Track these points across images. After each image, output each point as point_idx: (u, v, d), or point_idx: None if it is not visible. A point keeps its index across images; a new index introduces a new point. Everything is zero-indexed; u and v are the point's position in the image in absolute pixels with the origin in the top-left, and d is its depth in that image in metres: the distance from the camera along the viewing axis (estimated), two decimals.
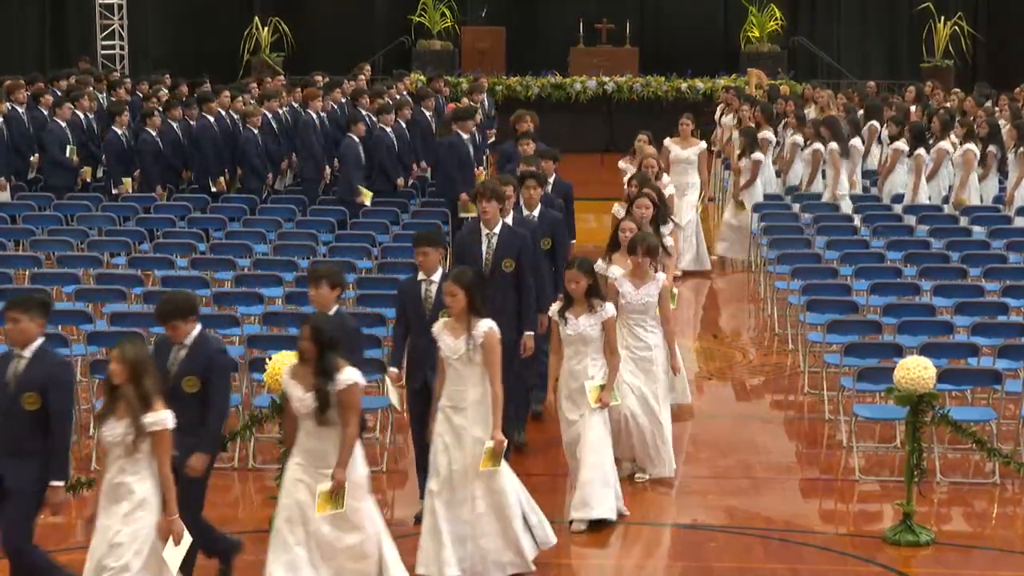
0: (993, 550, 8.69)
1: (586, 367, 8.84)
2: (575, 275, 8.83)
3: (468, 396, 7.96)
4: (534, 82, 24.81)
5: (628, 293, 9.44)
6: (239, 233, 14.41)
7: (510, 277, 9.43)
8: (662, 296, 9.47)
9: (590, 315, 8.81)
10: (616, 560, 8.56)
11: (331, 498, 7.31)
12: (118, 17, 25.76)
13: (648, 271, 9.47)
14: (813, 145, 16.50)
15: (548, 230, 10.49)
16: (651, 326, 9.50)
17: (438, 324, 8.15)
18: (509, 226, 9.64)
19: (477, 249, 9.51)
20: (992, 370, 10.21)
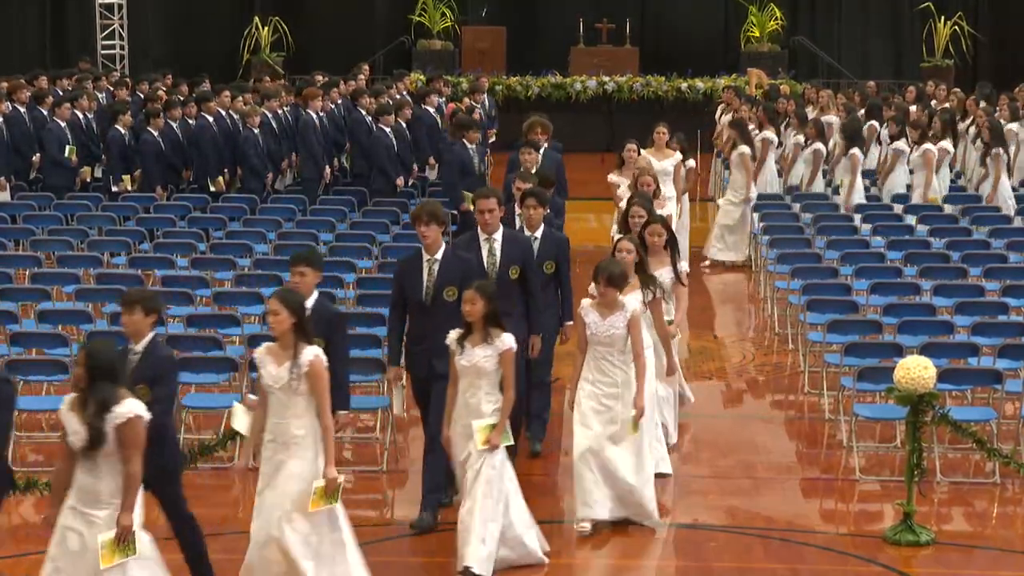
0: (993, 550, 8.68)
1: (480, 402, 7.95)
2: (472, 296, 7.90)
3: (291, 430, 7.28)
4: (534, 82, 24.82)
5: (593, 323, 8.61)
6: (239, 233, 14.41)
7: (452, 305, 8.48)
8: (632, 327, 8.60)
9: (486, 346, 7.91)
10: (616, 560, 8.54)
11: (117, 547, 6.62)
12: (118, 17, 25.77)
13: (616, 300, 8.61)
14: (814, 145, 16.50)
15: (552, 253, 9.69)
16: (620, 361, 8.64)
17: (260, 349, 7.45)
18: (455, 253, 8.82)
19: (417, 277, 8.68)
20: (992, 370, 10.20)
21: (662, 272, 9.64)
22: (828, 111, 18.98)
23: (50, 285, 12.35)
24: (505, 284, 8.99)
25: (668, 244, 9.80)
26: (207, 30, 27.46)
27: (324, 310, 8.10)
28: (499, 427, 7.94)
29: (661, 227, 9.81)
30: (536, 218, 9.69)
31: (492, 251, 9.18)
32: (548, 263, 9.65)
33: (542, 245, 9.67)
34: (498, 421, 7.94)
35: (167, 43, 27.20)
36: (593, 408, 8.62)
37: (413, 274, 8.70)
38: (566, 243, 9.96)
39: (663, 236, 9.76)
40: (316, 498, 7.19)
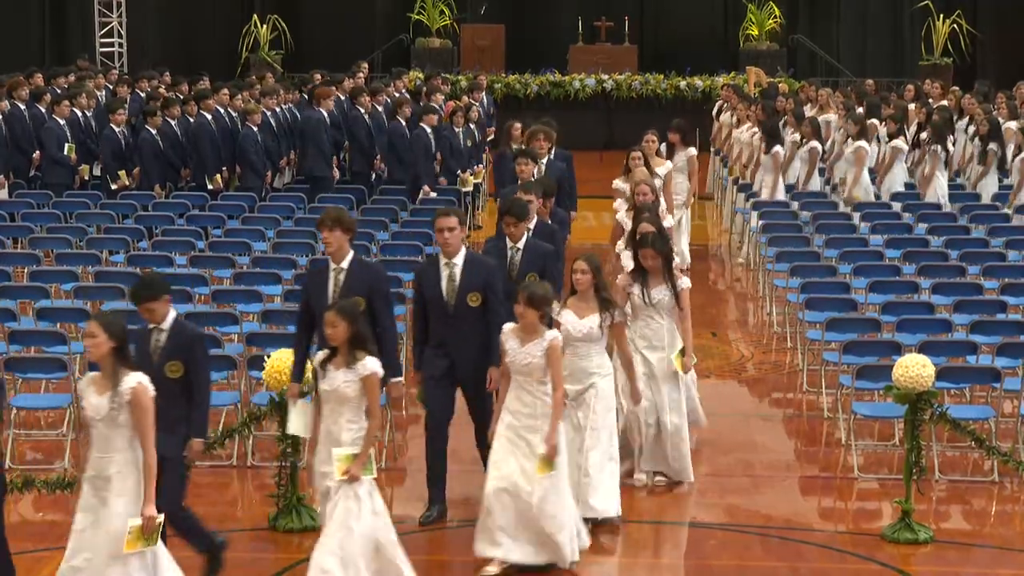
0: (992, 548, 8.70)
1: (340, 429, 7.42)
2: (333, 319, 7.37)
3: (112, 466, 6.89)
4: (533, 80, 24.82)
5: (511, 350, 7.99)
6: (238, 231, 14.40)
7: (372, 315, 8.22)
8: (550, 356, 7.91)
9: (348, 370, 7.38)
10: (615, 558, 8.54)
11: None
12: (116, 15, 25.75)
13: (536, 325, 7.97)
14: (810, 143, 16.50)
15: (535, 265, 9.19)
16: (540, 391, 7.95)
17: (84, 379, 7.11)
18: (362, 261, 8.42)
19: (323, 289, 8.28)
20: (991, 368, 10.21)
21: (660, 291, 9.33)
22: (827, 110, 18.98)
23: (48, 283, 12.34)
24: (463, 312, 8.59)
25: (664, 266, 9.33)
26: (206, 28, 27.46)
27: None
28: (360, 457, 7.37)
29: (652, 251, 9.26)
30: (516, 235, 9.26)
31: (452, 276, 8.56)
32: (530, 275, 9.07)
33: (524, 256, 9.21)
34: (360, 451, 7.38)
35: (166, 41, 27.19)
36: (509, 441, 7.98)
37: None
38: (553, 254, 9.41)
39: (656, 259, 9.27)
40: (132, 539, 6.77)
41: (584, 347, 8.58)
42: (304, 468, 8.45)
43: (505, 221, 9.30)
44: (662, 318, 9.40)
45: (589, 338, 8.57)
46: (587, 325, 8.55)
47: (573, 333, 8.51)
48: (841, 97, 19.48)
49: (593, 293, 8.58)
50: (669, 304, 9.38)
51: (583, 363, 8.60)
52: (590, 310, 8.58)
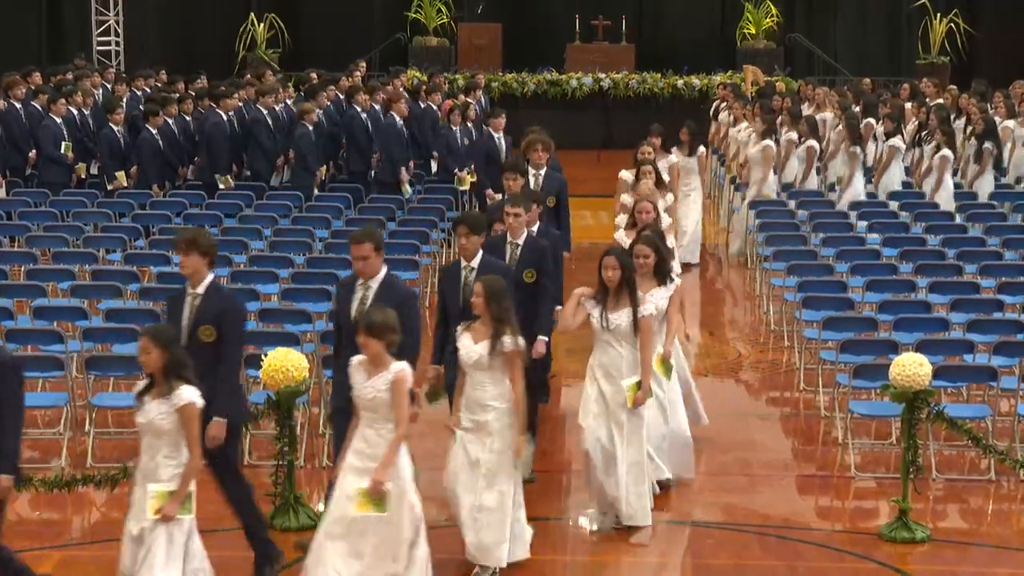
0: (989, 546, 8.70)
1: (158, 465, 7.03)
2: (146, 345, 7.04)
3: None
4: (530, 79, 24.81)
5: (357, 384, 7.36)
6: (235, 229, 14.40)
7: None
8: (395, 390, 7.26)
9: (163, 401, 7.02)
10: (613, 557, 8.54)
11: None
12: (113, 13, 25.72)
13: (381, 356, 7.28)
14: (807, 142, 16.51)
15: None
16: (386, 430, 7.30)
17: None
18: (218, 287, 7.96)
19: (179, 316, 7.85)
20: (988, 367, 10.21)
21: (619, 315, 8.50)
22: (824, 108, 18.99)
23: (45, 281, 12.33)
24: None
25: (626, 284, 8.54)
26: (203, 27, 27.43)
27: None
28: (177, 495, 6.88)
29: (613, 260, 8.50)
30: (470, 249, 8.78)
31: (364, 299, 8.12)
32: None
33: (479, 276, 8.51)
34: (177, 488, 6.91)
35: (165, 40, 27.15)
36: (350, 483, 7.31)
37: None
38: (503, 275, 8.52)
39: (616, 272, 8.46)
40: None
41: (478, 375, 7.87)
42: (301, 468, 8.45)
43: (458, 232, 8.87)
44: (620, 346, 8.53)
45: (479, 366, 7.84)
46: (478, 351, 7.84)
47: (465, 360, 7.89)
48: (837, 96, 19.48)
49: (490, 318, 7.84)
50: (627, 330, 8.51)
51: (477, 393, 7.89)
52: (486, 335, 7.87)
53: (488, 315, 7.85)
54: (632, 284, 8.55)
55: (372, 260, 8.13)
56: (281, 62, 25.93)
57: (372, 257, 8.10)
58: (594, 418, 8.56)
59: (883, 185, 16.45)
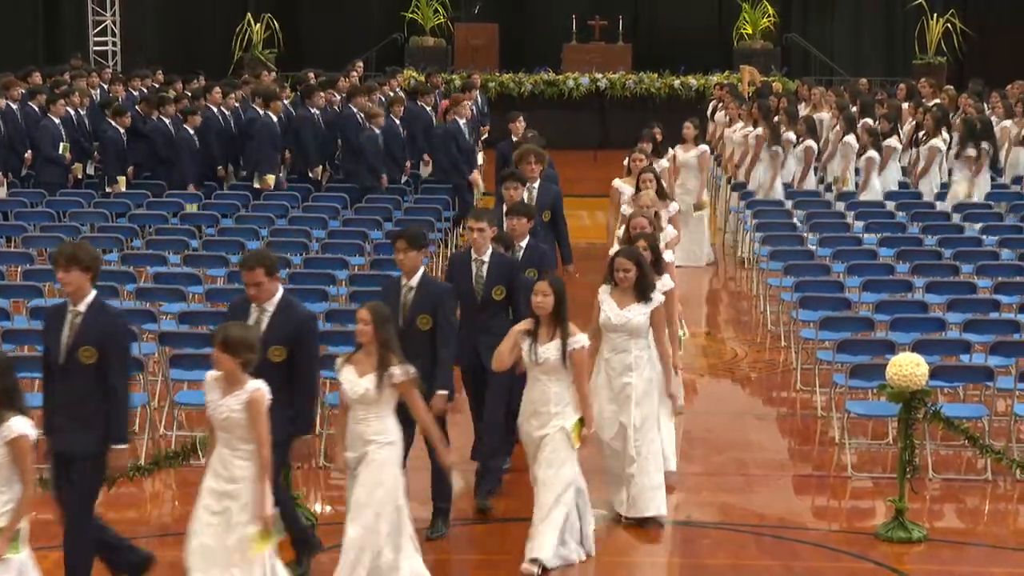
0: (985, 546, 8.70)
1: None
2: None
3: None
4: (527, 79, 24.80)
5: (212, 402, 6.95)
6: (232, 230, 14.39)
7: None
8: (252, 410, 6.79)
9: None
10: (610, 557, 8.50)
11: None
12: (110, 13, 25.70)
13: (236, 374, 6.83)
14: (805, 142, 16.51)
15: (426, 307, 8.26)
16: (242, 451, 6.86)
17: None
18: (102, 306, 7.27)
19: (58, 335, 7.22)
20: (984, 367, 10.20)
21: (548, 348, 7.93)
22: (820, 108, 18.99)
23: (42, 282, 12.31)
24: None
25: (556, 314, 7.93)
26: (200, 27, 27.41)
27: None
28: (6, 532, 6.34)
29: (545, 286, 7.97)
30: (407, 265, 8.26)
31: (259, 323, 7.60)
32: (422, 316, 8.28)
33: (416, 296, 8.21)
34: (6, 525, 6.36)
35: (159, 40, 27.13)
36: (207, 510, 6.91)
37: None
38: (445, 293, 8.31)
39: (547, 298, 7.90)
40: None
41: (361, 410, 7.32)
42: None
43: (396, 247, 8.32)
44: (549, 380, 7.91)
45: (365, 400, 7.30)
46: (364, 385, 7.31)
47: (349, 394, 7.35)
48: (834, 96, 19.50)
49: (376, 347, 7.30)
50: (556, 364, 7.87)
51: (359, 428, 7.33)
52: (372, 366, 7.32)
53: (375, 343, 7.29)
54: (562, 315, 7.91)
55: (266, 286, 7.60)
56: (278, 62, 25.89)
57: (265, 283, 7.58)
58: (532, 459, 8.08)
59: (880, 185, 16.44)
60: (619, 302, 8.61)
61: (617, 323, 8.60)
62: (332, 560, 7.57)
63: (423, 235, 8.48)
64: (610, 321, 8.60)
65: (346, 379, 7.36)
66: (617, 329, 8.60)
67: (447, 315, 8.30)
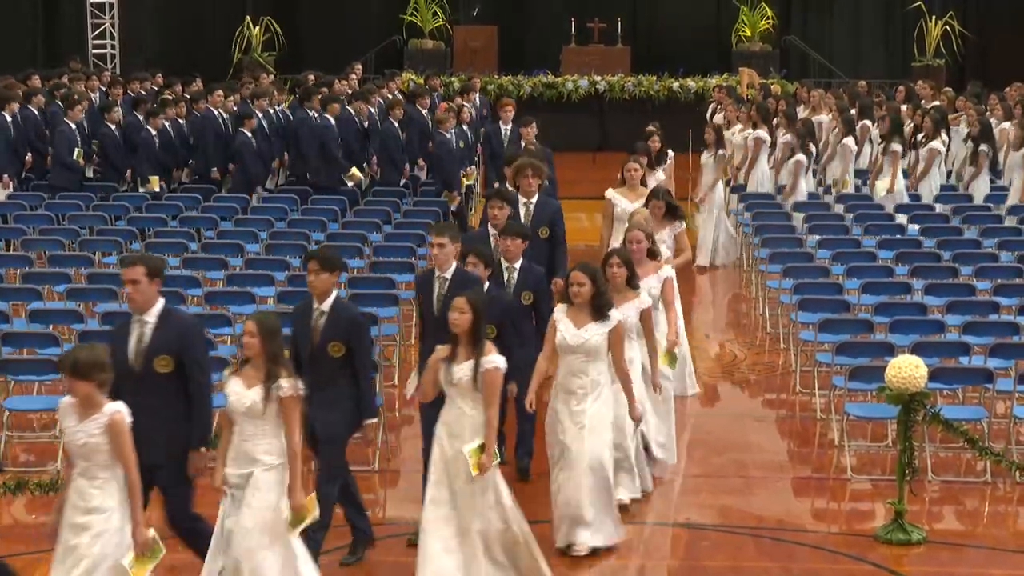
0: (985, 548, 8.69)
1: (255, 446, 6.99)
2: None
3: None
4: (526, 81, 24.80)
5: (68, 430, 6.68)
6: (231, 232, 14.38)
7: None
8: (114, 438, 6.57)
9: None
10: (609, 559, 8.49)
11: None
12: (109, 16, 25.70)
13: (94, 398, 6.60)
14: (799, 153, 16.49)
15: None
16: (100, 480, 6.65)
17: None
18: None
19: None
20: (984, 369, 10.20)
21: (462, 368, 7.48)
22: (820, 111, 19.00)
23: (41, 285, 12.32)
24: None
25: (473, 333, 7.52)
26: (199, 30, 27.40)
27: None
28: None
29: (463, 301, 7.56)
30: (319, 288, 7.93)
31: (141, 337, 7.27)
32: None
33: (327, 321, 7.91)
34: None
35: (159, 42, 27.12)
36: (64, 542, 6.64)
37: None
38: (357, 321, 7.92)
39: (464, 315, 7.50)
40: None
41: (249, 425, 6.99)
42: None
43: (308, 267, 7.92)
44: (464, 402, 7.48)
45: (252, 414, 6.98)
46: (251, 397, 6.99)
47: (235, 407, 7.01)
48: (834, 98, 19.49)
49: (264, 360, 6.98)
50: (469, 385, 7.44)
51: (247, 445, 7.00)
52: (260, 380, 7.00)
53: (262, 356, 6.96)
54: (478, 334, 7.48)
55: (143, 287, 7.15)
56: (277, 65, 25.92)
57: (143, 283, 7.14)
58: (434, 485, 7.55)
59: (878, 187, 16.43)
60: (575, 321, 8.19)
61: (573, 344, 8.14)
62: None
63: (337, 258, 8.08)
64: (565, 342, 8.15)
65: (232, 391, 7.02)
66: (574, 351, 8.15)
67: (362, 342, 7.84)
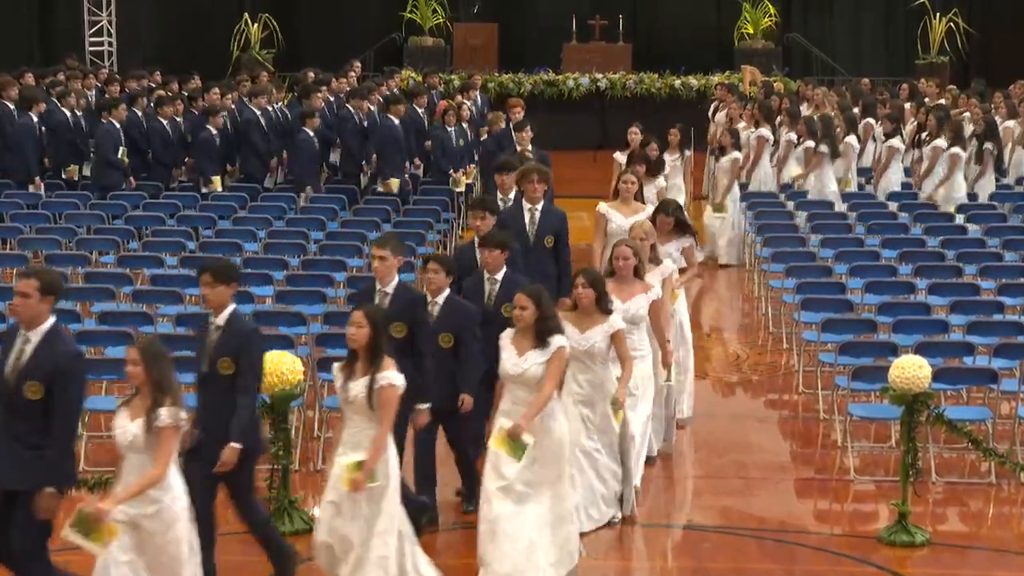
0: (989, 550, 8.64)
1: None
2: None
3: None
4: (527, 79, 24.72)
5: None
6: (229, 231, 14.32)
7: None
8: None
9: None
10: (610, 561, 8.46)
11: None
12: (106, 13, 25.64)
13: None
14: (805, 143, 16.44)
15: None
16: None
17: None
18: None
19: None
20: (988, 369, 10.15)
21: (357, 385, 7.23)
22: (823, 109, 18.92)
23: None
24: None
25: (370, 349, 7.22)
26: (197, 27, 27.30)
27: None
28: None
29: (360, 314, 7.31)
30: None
31: (21, 354, 6.93)
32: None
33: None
34: None
35: (156, 40, 27.06)
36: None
37: None
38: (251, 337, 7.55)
39: (361, 328, 7.22)
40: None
41: (136, 459, 6.71)
42: None
43: (201, 280, 7.60)
44: (361, 420, 7.21)
45: (134, 447, 6.68)
46: (133, 431, 6.69)
47: (120, 441, 6.70)
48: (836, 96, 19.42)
49: (149, 389, 6.67)
50: (363, 404, 7.17)
51: (131, 479, 6.72)
52: (145, 410, 6.67)
53: (147, 385, 6.62)
54: (376, 349, 7.18)
55: (33, 303, 6.75)
56: (276, 62, 25.83)
57: (34, 300, 6.74)
58: (332, 504, 7.27)
59: (882, 186, 16.38)
60: (518, 348, 7.70)
61: (512, 373, 7.65)
62: None
63: (232, 268, 7.67)
64: (506, 371, 7.67)
65: (118, 424, 6.67)
66: (514, 380, 7.67)
67: (251, 359, 7.44)
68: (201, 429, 7.23)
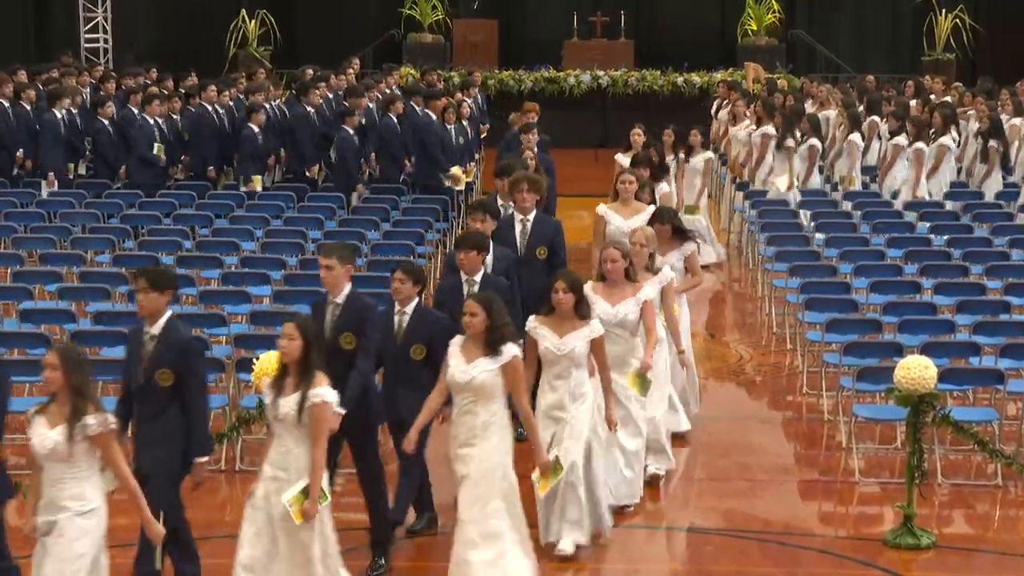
0: (995, 553, 8.58)
1: None
2: None
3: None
4: (527, 76, 24.61)
5: None
6: (226, 230, 14.23)
7: None
8: None
9: None
10: (612, 564, 8.39)
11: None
12: (102, 10, 25.57)
13: None
14: (809, 141, 16.33)
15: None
16: None
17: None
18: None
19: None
20: (994, 370, 10.09)
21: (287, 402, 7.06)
22: (827, 106, 18.82)
23: (32, 284, 12.17)
24: None
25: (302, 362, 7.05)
26: (193, 23, 27.21)
27: None
28: None
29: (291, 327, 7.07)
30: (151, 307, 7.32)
31: None
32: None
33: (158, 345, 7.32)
34: None
35: (152, 36, 26.98)
36: None
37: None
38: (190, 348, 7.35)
39: (293, 341, 7.03)
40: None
41: (55, 469, 6.47)
42: None
43: (137, 285, 7.39)
44: (290, 438, 6.99)
45: (56, 456, 6.47)
46: (53, 438, 6.46)
47: (39, 450, 6.49)
48: (841, 93, 19.30)
49: (68, 395, 6.47)
50: (293, 421, 6.92)
51: (53, 491, 6.54)
52: (64, 417, 6.45)
53: (66, 391, 6.39)
54: (308, 363, 6.93)
55: (154, 297, 6.93)
56: (273, 59, 25.73)
57: (153, 294, 6.94)
58: (254, 534, 7.05)
59: (887, 184, 16.27)
60: (467, 356, 7.40)
61: (460, 381, 7.35)
62: None
63: (169, 276, 7.48)
64: (453, 379, 7.38)
65: (35, 432, 6.40)
66: (461, 389, 7.37)
67: (194, 369, 7.26)
68: (136, 444, 7.17)
